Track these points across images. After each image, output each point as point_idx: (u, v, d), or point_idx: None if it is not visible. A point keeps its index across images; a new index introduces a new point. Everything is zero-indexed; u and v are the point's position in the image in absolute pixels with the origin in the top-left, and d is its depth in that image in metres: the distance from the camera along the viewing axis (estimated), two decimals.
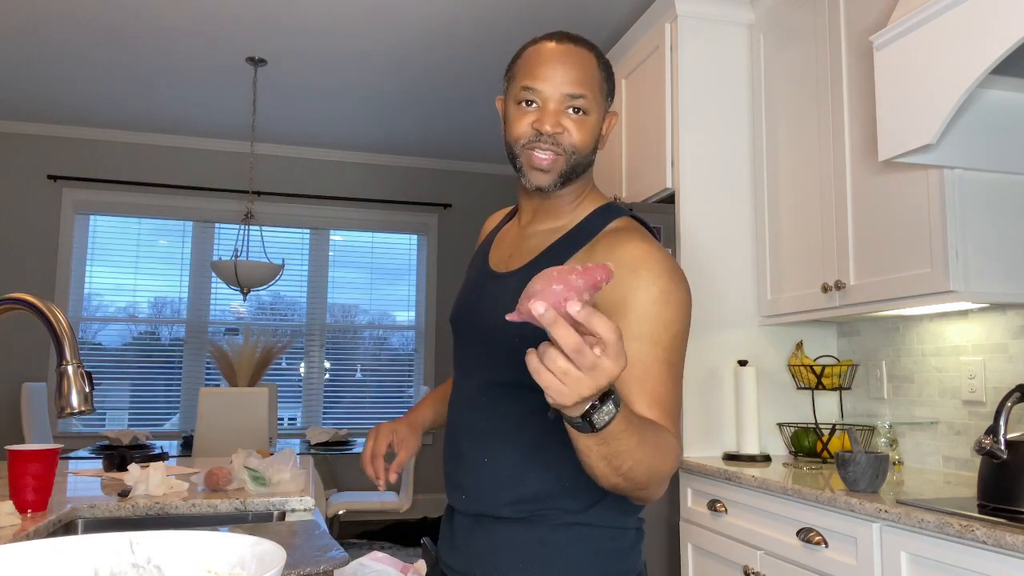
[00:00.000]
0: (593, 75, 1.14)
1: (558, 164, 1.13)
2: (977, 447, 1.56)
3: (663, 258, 1.09)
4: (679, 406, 1.06)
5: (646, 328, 1.04)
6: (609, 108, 1.19)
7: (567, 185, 1.16)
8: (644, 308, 1.05)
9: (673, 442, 1.00)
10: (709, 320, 2.68)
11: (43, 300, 1.11)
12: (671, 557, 2.59)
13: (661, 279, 1.06)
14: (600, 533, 1.10)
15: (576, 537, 1.09)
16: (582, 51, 1.14)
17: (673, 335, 1.06)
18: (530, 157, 1.13)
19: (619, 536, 1.11)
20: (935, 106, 1.69)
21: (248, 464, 1.97)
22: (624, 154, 3.21)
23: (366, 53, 4.13)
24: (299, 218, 5.87)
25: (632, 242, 1.10)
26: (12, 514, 1.52)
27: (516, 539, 1.10)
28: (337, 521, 4.42)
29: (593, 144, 1.16)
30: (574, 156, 1.13)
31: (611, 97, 1.19)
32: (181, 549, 0.72)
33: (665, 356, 1.04)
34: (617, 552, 1.11)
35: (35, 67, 4.39)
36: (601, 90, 1.16)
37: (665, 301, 1.06)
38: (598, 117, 1.15)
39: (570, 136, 1.12)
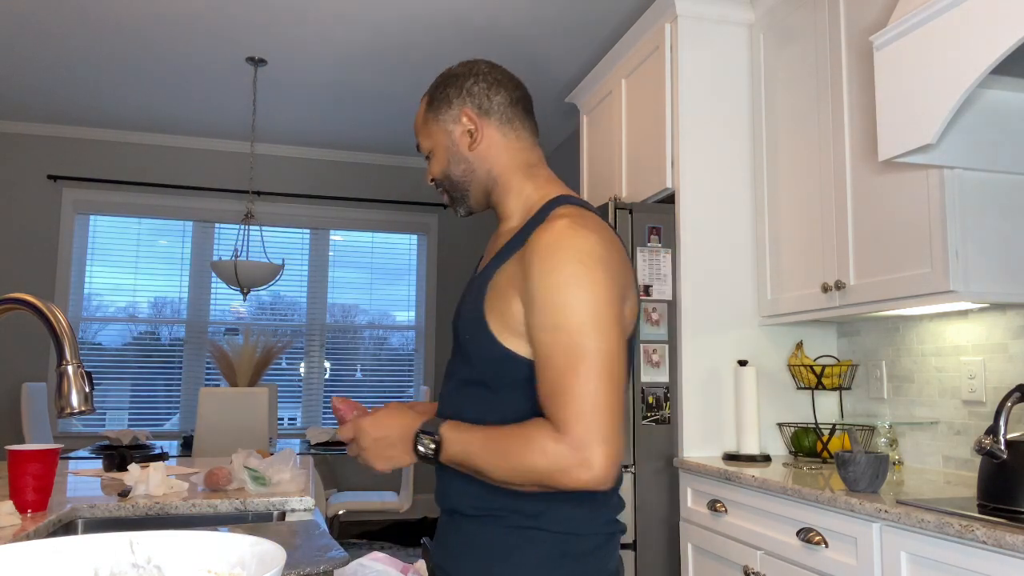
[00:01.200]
0: (419, 119, 1.27)
1: (443, 196, 1.29)
2: (977, 447, 1.56)
3: (574, 243, 1.05)
4: (579, 392, 1.00)
5: (548, 318, 1.04)
6: (451, 113, 1.22)
7: (477, 201, 1.26)
8: (544, 297, 1.04)
9: (537, 433, 1.01)
10: (709, 320, 2.68)
11: (43, 300, 1.11)
12: (671, 557, 2.59)
13: (568, 264, 1.04)
14: (552, 537, 1.08)
15: (527, 540, 1.09)
16: (422, 100, 1.29)
17: (582, 320, 1.02)
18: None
19: (576, 541, 1.09)
20: (935, 106, 1.69)
21: (248, 464, 1.97)
22: (624, 154, 3.21)
23: (366, 53, 4.13)
24: (299, 218, 5.87)
25: (548, 231, 1.07)
26: (12, 514, 1.52)
27: (474, 538, 1.12)
28: (337, 521, 4.42)
29: (446, 166, 1.23)
30: (442, 184, 1.25)
31: (451, 105, 1.22)
32: (181, 549, 0.72)
33: (570, 341, 1.02)
34: (572, 556, 1.09)
35: (35, 67, 4.39)
36: (428, 120, 1.25)
37: (569, 286, 1.03)
38: (438, 141, 1.23)
39: (431, 174, 1.27)
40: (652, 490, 2.60)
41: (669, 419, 2.65)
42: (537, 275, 1.05)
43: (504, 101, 1.22)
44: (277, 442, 4.50)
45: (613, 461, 1.00)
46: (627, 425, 2.61)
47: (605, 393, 1.01)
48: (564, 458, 0.99)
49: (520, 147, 1.22)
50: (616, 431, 1.01)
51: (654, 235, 2.71)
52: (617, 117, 3.28)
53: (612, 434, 1.00)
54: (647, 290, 2.68)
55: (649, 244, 2.70)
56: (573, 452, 0.99)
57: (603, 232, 1.09)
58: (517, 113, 1.23)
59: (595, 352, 1.01)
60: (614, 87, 3.32)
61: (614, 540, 1.15)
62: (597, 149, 3.52)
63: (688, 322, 2.66)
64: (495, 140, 1.21)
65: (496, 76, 1.23)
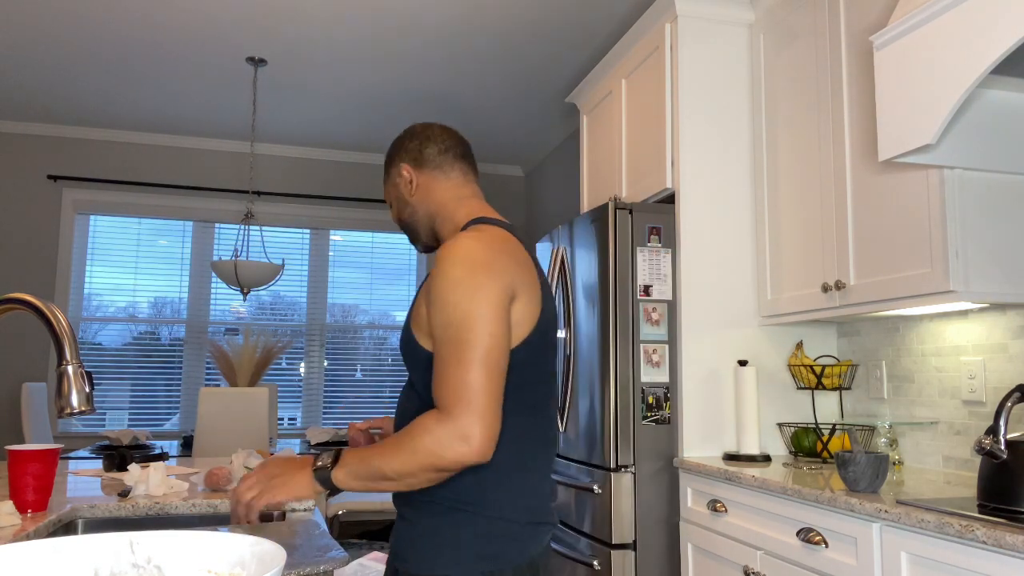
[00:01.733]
0: (384, 178, 1.54)
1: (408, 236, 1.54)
2: (977, 447, 1.56)
3: (460, 251, 1.24)
4: (460, 378, 1.17)
5: (439, 316, 1.22)
6: (396, 170, 1.49)
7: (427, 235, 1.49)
8: (436, 297, 1.23)
9: (423, 419, 1.18)
10: (709, 320, 2.68)
11: (43, 300, 1.11)
12: (671, 557, 2.59)
13: (454, 269, 1.22)
14: (473, 519, 1.23)
15: (452, 522, 1.24)
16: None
17: (463, 315, 1.19)
18: None
19: (495, 523, 1.24)
20: (935, 106, 1.69)
21: (248, 464, 1.97)
22: (624, 154, 3.21)
23: (366, 53, 4.13)
24: (299, 218, 5.87)
25: (445, 245, 1.28)
26: (12, 514, 1.52)
27: (413, 522, 1.28)
28: (337, 521, 4.42)
29: (399, 210, 1.50)
30: (401, 225, 1.52)
31: (394, 163, 1.50)
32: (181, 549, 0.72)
33: (455, 335, 1.19)
34: (490, 537, 1.23)
35: (35, 67, 4.39)
36: (385, 179, 1.53)
37: (455, 287, 1.21)
38: (391, 193, 1.50)
39: (392, 216, 1.54)
40: (652, 490, 2.60)
41: (669, 419, 2.65)
42: (433, 280, 1.24)
43: (433, 152, 1.47)
44: (277, 442, 4.50)
45: (490, 436, 1.16)
46: (627, 425, 2.61)
47: (484, 378, 1.17)
48: (446, 434, 1.15)
49: (450, 185, 1.46)
50: (493, 411, 1.17)
51: (654, 235, 2.71)
52: (617, 117, 3.28)
53: (489, 413, 1.16)
54: (647, 290, 2.68)
55: (649, 244, 2.70)
56: (453, 428, 1.15)
57: (493, 242, 1.27)
58: (447, 159, 1.47)
59: (475, 343, 1.18)
60: (614, 87, 3.32)
61: (539, 530, 1.29)
62: (597, 149, 3.52)
63: (688, 322, 2.66)
64: (428, 184, 1.46)
65: (427, 133, 1.49)
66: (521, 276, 1.27)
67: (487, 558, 1.22)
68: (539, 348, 1.30)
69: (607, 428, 2.61)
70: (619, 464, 2.59)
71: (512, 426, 1.28)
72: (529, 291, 1.28)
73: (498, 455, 1.26)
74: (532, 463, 1.30)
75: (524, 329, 1.27)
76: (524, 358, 1.28)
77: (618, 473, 2.58)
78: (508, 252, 1.28)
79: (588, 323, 2.79)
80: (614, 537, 2.55)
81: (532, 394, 1.31)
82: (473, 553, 1.22)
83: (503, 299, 1.22)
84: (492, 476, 1.25)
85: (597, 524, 2.64)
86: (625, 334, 2.64)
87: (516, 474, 1.27)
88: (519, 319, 1.26)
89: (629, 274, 2.67)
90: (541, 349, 1.31)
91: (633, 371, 2.63)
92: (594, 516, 2.66)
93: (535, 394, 1.31)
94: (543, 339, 1.31)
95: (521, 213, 6.37)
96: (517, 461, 1.28)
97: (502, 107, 4.95)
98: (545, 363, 1.34)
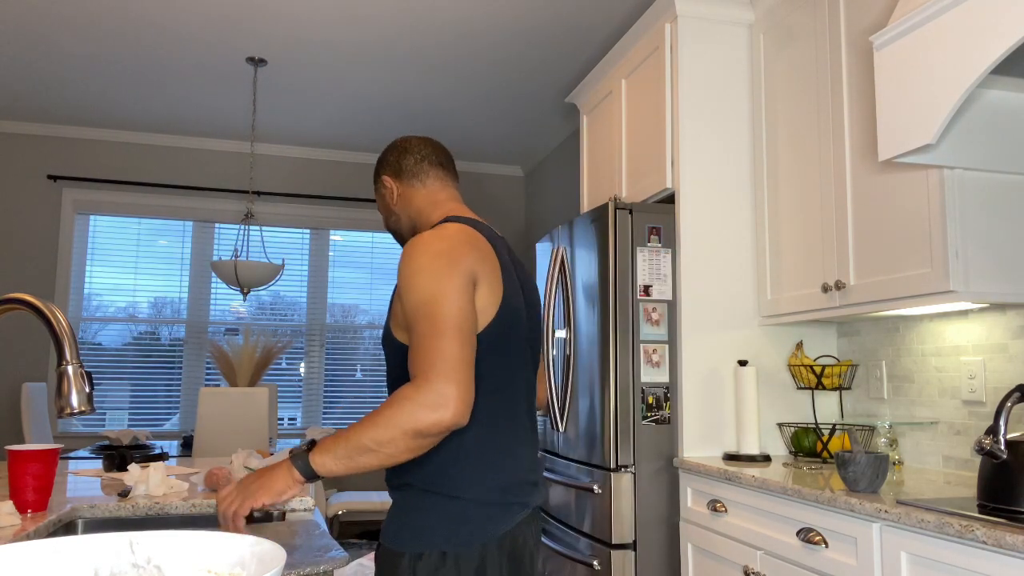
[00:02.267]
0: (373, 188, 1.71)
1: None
2: (977, 447, 1.56)
3: (420, 244, 1.35)
4: (434, 348, 1.24)
5: (409, 301, 1.31)
6: (380, 182, 1.61)
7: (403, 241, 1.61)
8: (404, 285, 1.32)
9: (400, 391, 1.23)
10: (709, 320, 2.68)
11: (43, 300, 1.11)
12: (671, 557, 2.59)
13: (416, 258, 1.32)
14: (445, 500, 1.32)
15: (429, 503, 1.33)
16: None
17: (430, 295, 1.28)
18: None
19: (465, 504, 1.32)
20: (935, 106, 1.69)
21: (248, 464, 1.97)
22: (624, 154, 3.21)
23: (366, 53, 4.13)
24: (299, 218, 5.87)
25: (407, 243, 1.39)
26: (12, 514, 1.52)
27: (396, 504, 1.38)
28: (337, 521, 4.42)
29: (387, 218, 1.61)
30: (390, 232, 1.63)
31: (378, 176, 1.61)
32: (181, 549, 0.73)
33: (426, 311, 1.27)
34: (462, 517, 1.32)
35: (35, 67, 4.39)
36: (374, 191, 1.65)
37: (418, 273, 1.30)
38: (379, 203, 1.63)
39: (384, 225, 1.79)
40: (652, 490, 2.60)
41: (669, 419, 2.65)
42: (400, 273, 1.34)
43: (411, 162, 1.58)
44: (277, 442, 4.50)
45: (465, 399, 1.21)
46: (627, 425, 2.61)
47: (456, 346, 1.24)
48: (423, 397, 1.20)
49: (427, 192, 1.57)
50: (467, 376, 1.23)
51: (654, 235, 2.71)
52: (617, 117, 3.28)
53: (463, 378, 1.22)
54: (647, 290, 2.68)
55: (649, 244, 2.70)
56: (429, 391, 1.20)
57: (452, 235, 1.37)
58: (422, 168, 1.58)
59: (445, 315, 1.26)
60: (614, 87, 3.32)
61: (510, 510, 1.36)
62: (597, 149, 3.53)
63: (688, 322, 2.66)
64: (407, 193, 1.58)
65: (404, 146, 1.60)
66: (481, 265, 1.35)
67: (450, 537, 1.30)
68: (503, 333, 1.38)
69: (607, 428, 2.61)
70: (619, 464, 2.59)
71: (478, 409, 1.34)
72: (490, 279, 1.36)
73: (460, 437, 1.33)
74: (501, 445, 1.37)
75: (486, 316, 1.35)
76: (487, 345, 1.35)
77: (618, 473, 2.58)
78: (466, 242, 1.36)
79: (588, 323, 2.79)
80: (614, 537, 2.55)
81: (497, 379, 1.37)
82: (437, 532, 1.31)
83: (465, 282, 1.31)
84: (458, 459, 1.33)
85: (597, 524, 2.64)
86: (625, 334, 2.64)
87: (483, 456, 1.35)
88: (481, 306, 1.34)
89: (629, 274, 2.67)
90: (506, 334, 1.38)
91: (633, 371, 2.63)
92: (594, 516, 2.66)
93: (500, 379, 1.38)
94: (506, 324, 1.38)
95: (521, 213, 6.37)
96: (484, 444, 1.35)
97: (502, 107, 4.95)
98: (509, 348, 1.40)
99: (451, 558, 1.29)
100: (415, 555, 1.30)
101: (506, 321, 1.38)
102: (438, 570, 1.29)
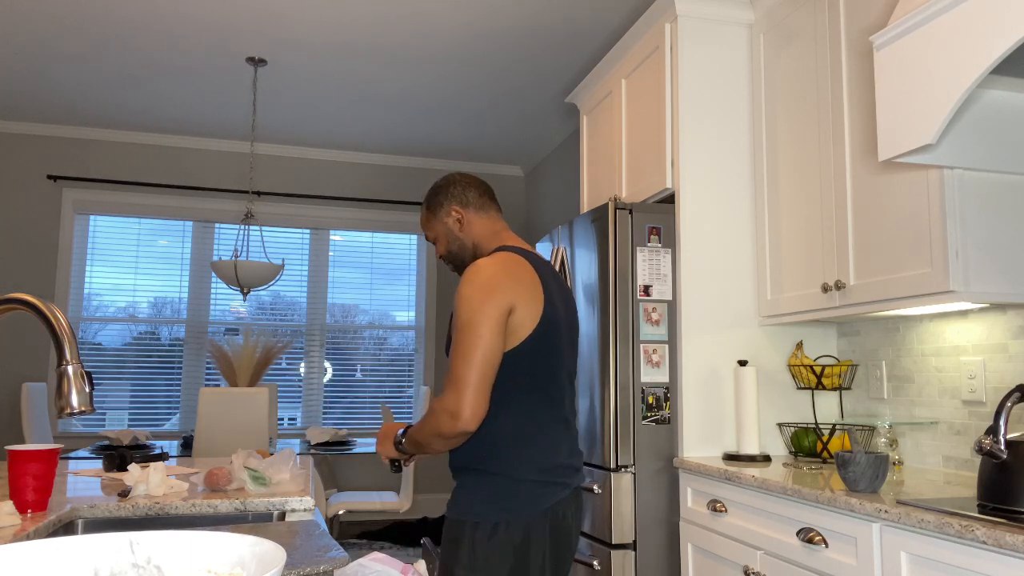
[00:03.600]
0: (424, 219, 1.89)
1: (449, 267, 1.95)
2: (977, 447, 1.56)
3: (468, 276, 1.65)
4: (458, 368, 1.58)
5: (455, 323, 1.63)
6: (444, 211, 1.84)
7: (464, 264, 1.86)
8: (454, 311, 1.64)
9: (433, 407, 1.61)
10: (709, 320, 2.68)
11: (43, 300, 1.11)
12: (671, 557, 2.59)
13: (464, 288, 1.63)
14: (496, 479, 1.63)
15: (484, 481, 1.64)
16: (421, 209, 1.96)
17: (464, 324, 1.60)
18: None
19: (514, 483, 1.62)
20: (935, 106, 1.69)
21: (248, 464, 1.97)
22: (624, 154, 3.21)
23: (366, 53, 4.13)
24: (299, 218, 5.87)
25: (465, 271, 1.70)
26: (12, 514, 1.52)
27: (459, 483, 1.70)
28: (337, 521, 4.43)
29: (447, 245, 1.85)
30: (448, 257, 1.87)
31: (443, 206, 1.85)
32: (181, 549, 0.73)
33: (459, 339, 1.60)
34: (510, 494, 1.62)
35: (36, 67, 4.39)
36: (430, 220, 1.87)
37: (460, 303, 1.62)
38: (439, 231, 1.85)
39: (439, 254, 1.89)
40: (652, 490, 2.60)
41: (669, 419, 2.65)
42: (456, 296, 1.65)
43: (475, 194, 1.84)
44: (277, 442, 4.50)
45: (472, 412, 1.56)
46: (627, 425, 2.61)
47: (473, 371, 1.57)
48: (442, 411, 1.58)
49: (489, 221, 1.84)
50: (478, 394, 1.57)
51: (654, 235, 2.71)
52: (617, 117, 3.28)
53: (472, 395, 1.56)
54: (647, 290, 2.68)
55: (649, 244, 2.70)
56: (445, 406, 1.58)
57: (500, 266, 1.66)
58: (484, 201, 1.84)
59: (472, 345, 1.58)
60: (614, 87, 3.32)
61: (551, 488, 1.65)
62: (597, 149, 3.53)
63: (688, 322, 2.66)
64: (473, 221, 1.83)
65: (467, 180, 1.85)
66: (519, 292, 1.64)
67: (501, 510, 1.61)
68: (542, 342, 1.67)
69: (607, 428, 2.61)
70: (619, 464, 2.59)
71: (519, 403, 1.65)
72: (529, 302, 1.65)
73: (507, 427, 1.64)
74: (539, 434, 1.66)
75: (526, 329, 1.64)
76: (529, 349, 1.65)
77: (618, 473, 2.58)
78: (511, 273, 1.65)
79: (588, 323, 2.79)
80: (614, 537, 2.55)
81: (538, 378, 1.66)
82: (490, 506, 1.61)
83: (500, 313, 1.60)
84: (503, 445, 1.64)
85: (597, 524, 2.64)
86: (625, 334, 2.64)
87: (524, 442, 1.64)
88: (521, 322, 1.64)
89: (629, 274, 2.67)
90: (544, 343, 1.67)
91: (633, 371, 2.63)
92: (594, 516, 2.66)
93: (541, 378, 1.67)
94: (545, 335, 1.67)
95: (521, 213, 6.37)
96: (525, 432, 1.65)
97: (502, 107, 4.95)
98: (549, 353, 1.68)
99: (502, 527, 1.59)
100: (473, 524, 1.61)
101: (545, 331, 1.67)
102: (491, 538, 1.59)
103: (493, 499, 1.62)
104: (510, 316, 1.62)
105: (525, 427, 1.65)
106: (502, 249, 1.74)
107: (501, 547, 1.59)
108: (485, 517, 1.61)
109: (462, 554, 1.61)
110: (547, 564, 1.62)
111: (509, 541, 1.59)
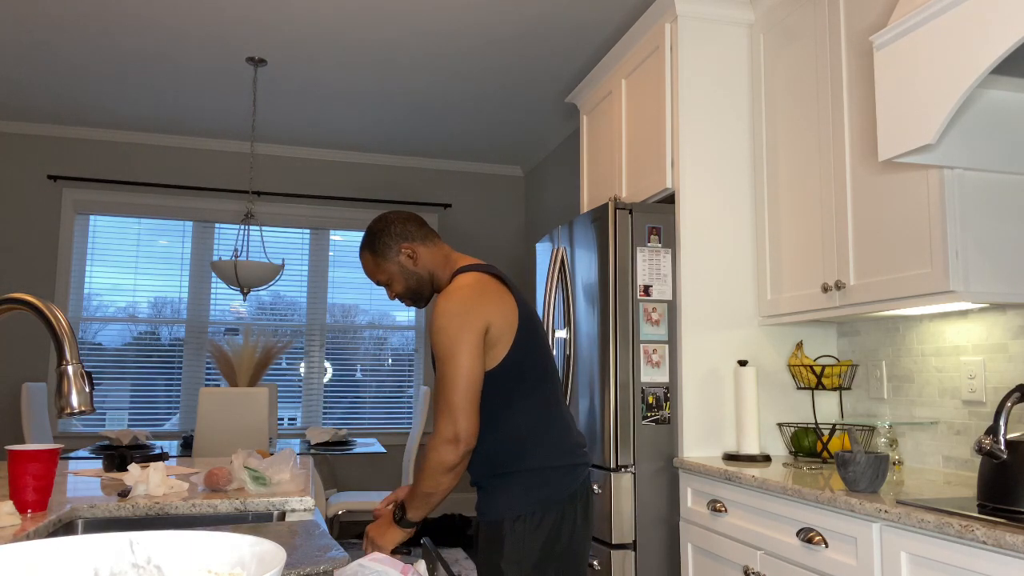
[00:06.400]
0: (370, 265, 1.90)
1: (407, 303, 1.94)
2: (977, 447, 1.56)
3: (440, 306, 1.72)
4: (445, 396, 1.67)
5: (435, 353, 1.72)
6: (394, 251, 1.87)
7: (430, 293, 1.92)
8: (432, 340, 1.73)
9: (432, 445, 1.68)
10: (709, 320, 2.68)
11: (43, 300, 1.11)
12: (671, 557, 2.59)
13: (439, 319, 1.70)
14: (530, 472, 1.73)
15: (515, 478, 1.73)
16: (362, 254, 1.91)
17: (445, 354, 1.68)
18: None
19: (547, 472, 1.73)
20: (935, 106, 1.69)
21: (248, 464, 1.97)
22: (624, 154, 3.21)
23: (366, 53, 4.13)
24: (299, 218, 5.87)
25: (437, 301, 1.75)
26: (12, 514, 1.52)
27: (486, 488, 1.78)
28: (337, 521, 4.42)
29: (404, 283, 1.88)
30: (406, 295, 1.90)
31: (390, 247, 1.87)
32: (181, 549, 0.73)
33: (442, 369, 1.69)
34: (544, 483, 1.72)
35: (36, 67, 4.39)
36: (379, 263, 1.88)
37: (438, 333, 1.70)
38: (392, 271, 1.87)
39: (390, 294, 1.92)
40: (652, 490, 2.60)
41: (669, 419, 2.65)
42: (430, 327, 1.70)
43: (415, 227, 1.89)
44: (277, 442, 4.49)
45: (468, 433, 1.66)
46: (627, 425, 2.61)
47: (461, 397, 1.66)
48: (441, 444, 1.67)
49: (436, 249, 1.90)
50: (468, 417, 1.66)
51: (654, 235, 2.71)
52: (617, 117, 3.28)
53: (465, 419, 1.66)
54: (647, 290, 2.68)
55: (649, 244, 2.70)
56: (444, 437, 1.66)
57: (469, 290, 1.73)
58: (425, 231, 1.90)
59: (454, 373, 1.67)
60: (614, 87, 3.32)
61: (574, 471, 1.77)
62: (597, 149, 3.52)
63: (688, 322, 2.66)
64: (422, 253, 1.88)
65: (403, 217, 1.90)
66: (491, 308, 1.72)
67: (538, 498, 1.71)
68: (527, 342, 1.77)
69: (607, 428, 2.61)
70: (619, 464, 2.59)
71: (523, 404, 1.75)
72: (504, 312, 1.74)
73: (520, 428, 1.74)
74: (550, 424, 1.77)
75: (509, 339, 1.74)
76: (517, 356, 1.75)
77: (618, 473, 2.58)
78: (479, 292, 1.73)
79: (588, 323, 2.79)
80: (614, 537, 2.55)
81: (529, 380, 1.77)
82: (525, 498, 1.71)
83: (476, 337, 1.69)
84: (521, 444, 1.74)
85: (597, 524, 2.64)
86: (625, 334, 2.64)
87: (539, 436, 1.75)
88: (501, 333, 1.73)
89: (629, 274, 2.67)
90: (528, 342, 1.78)
91: (633, 371, 2.63)
92: (594, 516, 2.66)
93: (532, 378, 1.77)
94: (527, 336, 1.78)
95: (521, 213, 6.37)
96: (537, 427, 1.75)
97: (502, 107, 4.95)
98: (535, 354, 1.79)
99: (539, 515, 1.70)
100: (512, 518, 1.70)
101: (526, 331, 1.77)
102: (536, 527, 1.69)
103: (527, 492, 1.71)
104: (488, 333, 1.71)
105: (536, 423, 1.75)
106: (463, 271, 1.82)
107: (541, 532, 1.70)
108: (525, 510, 1.70)
109: (506, 549, 1.70)
110: (576, 534, 1.75)
111: (549, 526, 1.71)
